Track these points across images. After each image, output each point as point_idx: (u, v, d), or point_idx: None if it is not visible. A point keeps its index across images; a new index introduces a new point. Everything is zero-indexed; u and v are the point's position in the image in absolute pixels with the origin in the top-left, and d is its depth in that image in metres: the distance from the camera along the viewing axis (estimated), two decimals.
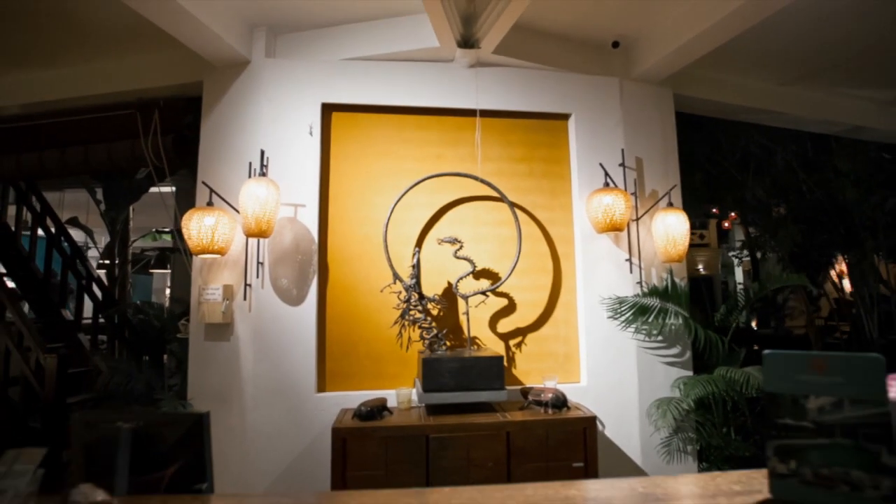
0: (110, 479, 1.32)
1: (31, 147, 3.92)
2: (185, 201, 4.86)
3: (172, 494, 1.28)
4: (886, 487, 1.07)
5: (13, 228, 5.56)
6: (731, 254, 7.72)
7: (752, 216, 5.42)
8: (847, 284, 6.32)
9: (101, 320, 5.56)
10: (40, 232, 5.69)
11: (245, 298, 3.05)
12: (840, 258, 5.77)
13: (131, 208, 6.34)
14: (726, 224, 7.89)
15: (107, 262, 6.38)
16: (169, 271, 10.32)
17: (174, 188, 6.32)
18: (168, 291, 13.43)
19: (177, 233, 3.70)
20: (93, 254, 8.53)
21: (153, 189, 6.00)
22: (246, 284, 3.04)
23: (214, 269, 3.09)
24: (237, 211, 2.98)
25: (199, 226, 2.89)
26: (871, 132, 4.78)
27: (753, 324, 10.37)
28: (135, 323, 5.71)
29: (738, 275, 9.11)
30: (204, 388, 3.04)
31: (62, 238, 5.72)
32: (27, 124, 3.90)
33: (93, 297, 5.60)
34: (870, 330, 5.06)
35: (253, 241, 3.06)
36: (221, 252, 2.97)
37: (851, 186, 5.03)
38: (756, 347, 4.80)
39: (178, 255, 6.76)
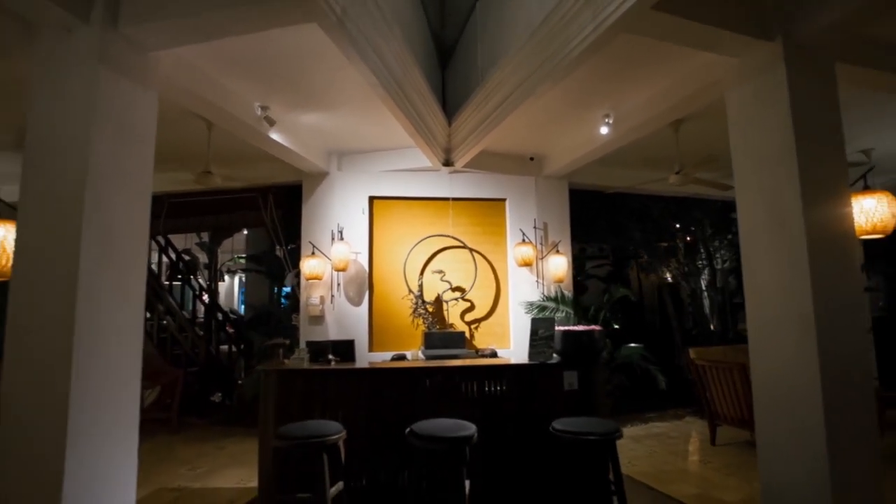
0: (325, 360, 4.05)
1: (196, 213, 6.69)
2: (260, 238, 7.64)
3: (348, 361, 4.04)
4: (553, 350, 3.86)
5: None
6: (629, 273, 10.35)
7: (640, 249, 8.19)
8: None
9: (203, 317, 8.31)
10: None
11: (331, 303, 5.81)
12: None
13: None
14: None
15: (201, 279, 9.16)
16: (225, 282, 13.08)
17: (246, 231, 9.11)
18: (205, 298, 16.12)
19: (287, 264, 6.46)
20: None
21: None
22: (332, 295, 5.80)
23: (314, 287, 5.84)
24: (327, 257, 5.74)
25: (308, 265, 5.65)
26: (709, 195, 7.50)
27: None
28: (233, 319, 8.48)
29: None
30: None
31: (179, 262, 8.48)
32: (193, 199, 6.65)
33: (203, 302, 8.36)
34: (715, 323, 7.81)
35: (335, 272, 5.80)
36: (319, 278, 5.73)
37: (699, 228, 7.79)
38: None
39: (250, 274, 9.56)
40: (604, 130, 4.98)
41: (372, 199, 6.10)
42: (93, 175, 2.76)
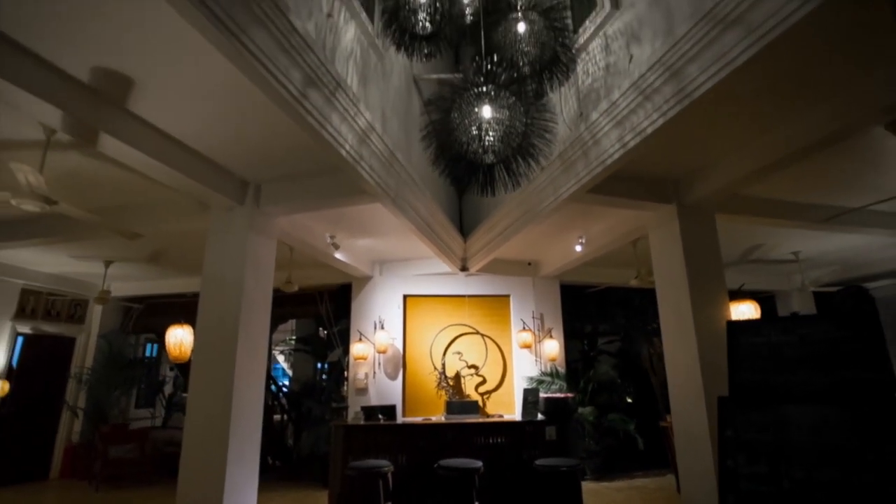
0: (375, 418, 5.63)
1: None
2: (306, 324, 9.40)
3: (391, 420, 5.61)
4: (538, 411, 5.41)
5: None
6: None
7: (623, 332, 9.73)
8: None
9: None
10: None
11: (374, 377, 7.44)
12: None
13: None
14: None
15: None
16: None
17: (295, 319, 10.87)
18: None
19: (336, 342, 8.17)
20: None
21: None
22: (374, 371, 7.45)
23: (360, 366, 7.50)
24: (371, 342, 7.44)
25: (357, 348, 7.34)
26: None
27: None
28: (285, 391, 10.10)
29: None
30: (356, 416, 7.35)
31: None
32: None
33: None
34: None
35: (377, 354, 7.47)
36: (364, 359, 7.40)
37: None
38: None
39: (297, 353, 11.28)
40: (578, 248, 6.72)
41: (406, 296, 7.87)
42: (244, 301, 4.58)
